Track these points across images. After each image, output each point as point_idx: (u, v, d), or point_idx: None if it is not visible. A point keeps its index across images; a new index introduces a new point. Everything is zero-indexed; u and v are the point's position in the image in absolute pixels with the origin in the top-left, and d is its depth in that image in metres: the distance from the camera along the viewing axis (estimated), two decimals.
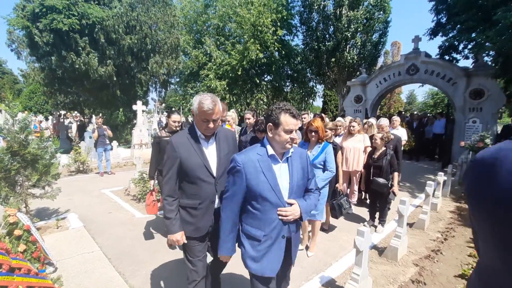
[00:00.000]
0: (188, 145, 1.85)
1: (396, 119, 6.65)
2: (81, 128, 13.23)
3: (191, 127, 1.92)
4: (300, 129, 5.66)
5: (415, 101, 47.27)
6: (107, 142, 8.01)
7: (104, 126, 7.95)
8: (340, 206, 3.74)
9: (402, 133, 6.50)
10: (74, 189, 6.46)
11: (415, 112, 17.66)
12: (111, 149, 10.01)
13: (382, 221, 4.26)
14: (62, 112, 21.60)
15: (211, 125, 1.80)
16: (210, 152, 1.92)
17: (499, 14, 5.75)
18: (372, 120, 6.20)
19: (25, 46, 9.40)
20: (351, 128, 4.82)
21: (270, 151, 1.61)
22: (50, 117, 24.97)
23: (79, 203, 5.39)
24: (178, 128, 3.56)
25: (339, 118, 5.80)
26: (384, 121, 4.83)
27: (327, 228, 4.15)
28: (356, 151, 4.77)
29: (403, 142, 6.61)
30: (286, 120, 1.54)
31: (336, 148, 3.74)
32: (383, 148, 4.10)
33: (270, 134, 1.60)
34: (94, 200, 5.66)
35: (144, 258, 3.31)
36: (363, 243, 2.37)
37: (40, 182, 4.00)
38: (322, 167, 3.22)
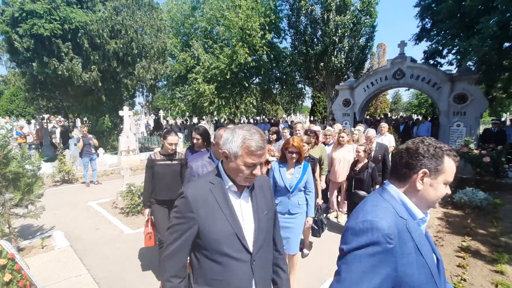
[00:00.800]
0: (212, 202, 1.22)
1: (384, 125, 6.67)
2: (65, 134, 12.79)
3: (217, 173, 1.29)
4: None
5: (400, 101, 48.53)
6: (93, 151, 7.77)
7: (90, 135, 7.71)
8: (322, 223, 3.60)
9: (390, 139, 6.53)
10: (59, 202, 6.23)
11: (400, 114, 18.10)
12: (98, 156, 9.73)
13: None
14: (46, 115, 20.89)
15: (258, 171, 1.23)
16: (244, 212, 1.28)
17: (481, 24, 5.94)
18: (361, 128, 6.24)
19: (5, 51, 8.99)
20: (341, 138, 4.79)
21: (419, 212, 1.03)
22: (32, 121, 24.09)
23: (65, 218, 5.19)
24: (174, 151, 3.19)
25: (328, 128, 5.80)
26: (372, 132, 4.82)
27: (308, 251, 3.91)
28: (345, 162, 4.75)
29: (391, 149, 6.68)
30: (451, 167, 1.02)
31: (314, 161, 3.67)
32: (365, 161, 4.09)
33: (419, 186, 1.01)
34: (80, 214, 5.47)
35: (134, 282, 3.20)
36: None
37: (23, 202, 3.82)
38: (303, 189, 2.95)
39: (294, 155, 2.81)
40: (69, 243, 4.10)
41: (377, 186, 3.97)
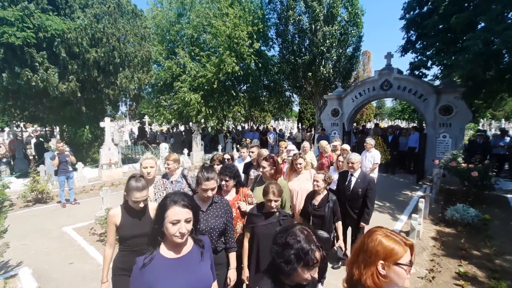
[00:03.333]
0: None
1: (370, 141, 6.36)
2: (40, 146, 12.02)
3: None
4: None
5: (384, 106, 49.79)
6: (70, 169, 7.22)
7: (66, 152, 7.16)
8: None
9: (375, 156, 6.25)
10: (29, 227, 5.69)
11: (385, 121, 18.32)
12: (77, 170, 9.11)
13: (321, 279, 3.29)
14: (21, 123, 19.72)
15: None
16: None
17: (468, 42, 5.98)
18: (346, 147, 5.68)
19: None
20: (298, 165, 3.78)
21: None
22: (6, 129, 22.67)
23: (35, 250, 4.69)
24: None
25: (289, 147, 5.09)
26: (356, 157, 3.84)
27: None
28: (303, 193, 3.71)
29: (375, 166, 6.19)
30: None
31: (287, 218, 2.75)
32: (325, 192, 3.28)
33: None
34: (53, 244, 4.97)
35: None
36: None
37: None
38: None
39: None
40: (37, 284, 3.64)
41: (339, 223, 3.32)
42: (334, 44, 13.22)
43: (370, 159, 6.28)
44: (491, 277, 3.86)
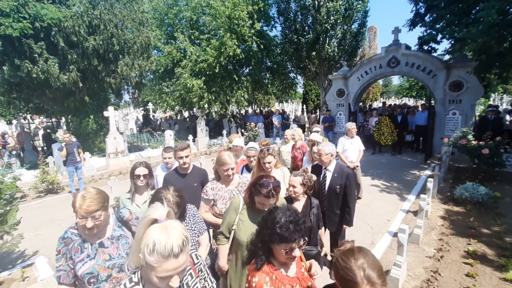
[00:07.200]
0: None
1: (353, 126, 5.62)
2: (48, 137, 12.17)
3: None
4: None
5: (390, 83, 48.50)
6: (78, 159, 7.30)
7: (75, 145, 7.21)
8: None
9: (359, 142, 5.62)
10: (42, 218, 5.85)
11: (392, 99, 17.81)
12: (84, 160, 9.23)
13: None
14: (28, 115, 19.91)
15: None
16: None
17: (482, 12, 5.63)
18: (317, 138, 4.22)
19: None
20: (266, 165, 2.89)
21: None
22: (14, 121, 22.96)
23: (49, 240, 4.84)
24: None
25: (251, 145, 3.54)
26: (329, 149, 3.14)
27: None
28: None
29: (361, 154, 5.59)
30: None
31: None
32: (305, 198, 2.57)
33: None
34: None
35: None
36: None
37: None
38: None
39: None
40: (53, 272, 3.77)
41: (322, 230, 2.73)
42: (338, 21, 12.68)
43: (356, 147, 5.63)
44: (501, 255, 3.84)
